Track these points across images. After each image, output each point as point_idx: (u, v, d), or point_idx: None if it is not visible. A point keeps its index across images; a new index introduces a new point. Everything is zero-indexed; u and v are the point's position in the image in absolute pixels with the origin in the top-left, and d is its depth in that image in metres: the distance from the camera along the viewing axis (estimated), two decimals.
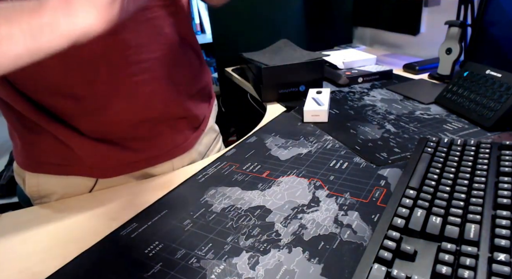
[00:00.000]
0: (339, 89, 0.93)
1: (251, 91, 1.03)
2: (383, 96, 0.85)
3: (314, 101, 0.77)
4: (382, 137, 0.65)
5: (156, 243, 0.44)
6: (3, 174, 1.60)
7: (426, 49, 1.14)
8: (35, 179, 0.57)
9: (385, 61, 1.16)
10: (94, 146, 0.55)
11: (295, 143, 0.66)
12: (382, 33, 1.32)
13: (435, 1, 1.08)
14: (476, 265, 0.32)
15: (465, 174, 0.46)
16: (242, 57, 1.05)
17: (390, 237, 0.37)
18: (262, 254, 0.41)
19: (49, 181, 0.57)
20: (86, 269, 0.41)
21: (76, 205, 0.54)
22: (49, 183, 0.58)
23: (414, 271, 0.34)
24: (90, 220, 0.50)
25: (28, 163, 0.57)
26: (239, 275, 0.38)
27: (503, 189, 0.41)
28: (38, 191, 0.58)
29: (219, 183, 0.56)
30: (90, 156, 0.56)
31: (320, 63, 0.87)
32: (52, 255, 0.44)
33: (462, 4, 0.88)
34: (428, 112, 0.74)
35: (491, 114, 0.64)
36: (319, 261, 0.39)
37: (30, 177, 0.58)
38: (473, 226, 0.36)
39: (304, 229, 0.44)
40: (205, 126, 0.71)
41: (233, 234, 0.44)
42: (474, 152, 0.50)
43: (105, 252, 0.44)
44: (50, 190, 0.58)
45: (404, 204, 0.41)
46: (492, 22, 0.79)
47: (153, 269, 0.40)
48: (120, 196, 0.56)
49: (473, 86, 0.71)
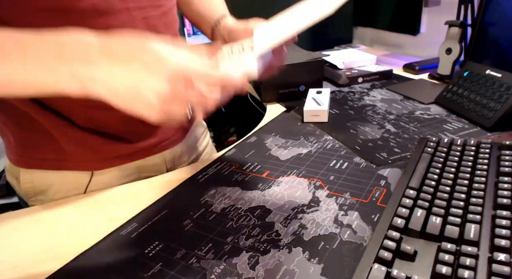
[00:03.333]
0: (339, 89, 0.92)
1: (251, 91, 1.03)
2: (383, 96, 0.85)
3: (314, 101, 0.77)
4: (382, 137, 0.65)
5: (156, 243, 0.44)
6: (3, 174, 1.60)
7: (426, 49, 1.14)
8: (29, 175, 0.57)
9: (385, 61, 1.16)
10: (88, 138, 0.55)
11: (295, 143, 0.66)
12: (382, 33, 1.32)
13: (435, 1, 1.08)
14: (476, 265, 0.32)
15: (465, 174, 0.46)
16: None
17: (390, 237, 0.37)
18: (262, 254, 0.41)
19: (44, 176, 0.57)
20: (86, 269, 0.41)
21: (76, 205, 0.54)
22: (43, 178, 0.57)
23: (414, 271, 0.34)
24: (90, 220, 0.50)
25: (22, 160, 0.57)
26: (239, 275, 0.38)
27: (503, 189, 0.41)
28: (33, 188, 0.58)
29: (219, 183, 0.56)
30: (83, 148, 0.56)
31: (320, 63, 0.87)
32: (52, 255, 0.44)
33: (462, 4, 0.88)
34: (428, 112, 0.74)
35: (491, 114, 0.64)
36: (319, 261, 0.39)
37: (24, 173, 0.57)
38: (473, 226, 0.36)
39: (304, 229, 0.44)
40: (193, 120, 0.72)
41: (233, 234, 0.44)
42: (474, 152, 0.50)
43: (105, 252, 0.44)
44: (45, 185, 0.58)
45: (404, 204, 0.41)
46: (492, 22, 0.79)
47: (153, 269, 0.40)
48: (120, 196, 0.56)
49: (473, 86, 0.71)
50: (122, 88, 0.34)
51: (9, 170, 0.61)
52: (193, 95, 0.37)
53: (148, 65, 0.34)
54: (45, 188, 0.58)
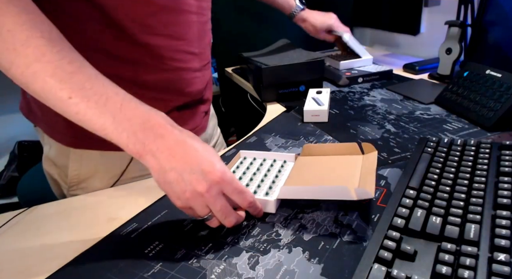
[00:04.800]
0: (339, 89, 0.93)
1: (251, 91, 1.03)
2: (383, 96, 0.85)
3: (314, 101, 0.77)
4: (382, 137, 0.65)
5: (156, 243, 0.44)
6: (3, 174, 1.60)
7: (426, 49, 1.14)
8: (78, 160, 0.59)
9: (385, 61, 1.16)
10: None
11: (295, 143, 0.66)
12: (382, 33, 1.32)
13: (435, 1, 1.08)
14: (476, 265, 0.32)
15: (465, 174, 0.46)
16: (242, 57, 1.05)
17: (390, 237, 0.37)
18: (262, 254, 0.41)
19: (93, 158, 0.59)
20: (86, 269, 0.41)
21: (76, 205, 0.54)
22: (92, 161, 0.59)
23: (414, 271, 0.34)
24: (90, 220, 0.50)
25: (73, 140, 0.58)
26: (239, 275, 0.38)
27: (503, 189, 0.41)
28: (78, 175, 0.60)
29: None
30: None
31: (320, 63, 0.87)
32: (52, 255, 0.44)
33: (462, 4, 0.88)
34: (428, 112, 0.74)
35: (491, 114, 0.64)
36: (319, 261, 0.39)
37: (74, 158, 0.59)
38: (473, 226, 0.36)
39: (304, 229, 0.44)
40: (210, 110, 0.77)
41: (233, 234, 0.44)
42: (474, 152, 0.50)
43: (105, 252, 0.44)
44: (91, 171, 0.60)
45: (404, 204, 0.41)
46: (492, 22, 0.79)
47: (153, 269, 0.40)
48: (120, 196, 0.56)
49: (473, 86, 0.71)
50: (169, 171, 0.39)
51: (53, 160, 0.62)
52: (220, 205, 0.41)
53: (202, 168, 0.39)
54: (90, 175, 0.60)
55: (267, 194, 0.48)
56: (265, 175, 0.53)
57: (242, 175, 0.54)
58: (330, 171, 0.51)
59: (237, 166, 0.57)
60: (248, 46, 1.10)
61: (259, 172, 0.54)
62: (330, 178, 0.49)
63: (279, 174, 0.53)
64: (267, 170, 0.54)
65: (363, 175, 0.47)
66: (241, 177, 0.53)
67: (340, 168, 0.51)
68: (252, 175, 0.53)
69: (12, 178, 1.56)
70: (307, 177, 0.50)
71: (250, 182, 0.52)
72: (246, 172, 0.54)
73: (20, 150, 1.61)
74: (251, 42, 1.17)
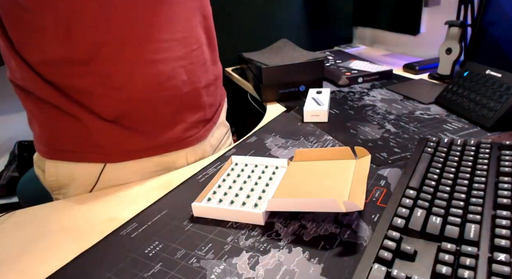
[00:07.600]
0: (339, 89, 0.93)
1: (251, 91, 1.03)
2: (383, 96, 0.85)
3: (314, 101, 0.77)
4: (382, 137, 0.65)
5: (156, 243, 0.44)
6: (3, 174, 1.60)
7: (426, 49, 1.14)
8: (54, 168, 0.59)
9: (385, 61, 1.16)
10: (109, 128, 0.57)
11: (295, 143, 0.66)
12: (382, 33, 1.32)
13: (435, 1, 1.08)
14: (476, 265, 0.32)
15: (465, 174, 0.46)
16: (242, 57, 1.05)
17: (390, 237, 0.37)
18: (262, 254, 0.41)
19: (68, 169, 0.59)
20: (86, 269, 0.41)
21: (76, 205, 0.54)
22: (67, 171, 0.59)
23: (414, 271, 0.34)
24: (90, 220, 0.50)
25: (47, 151, 0.59)
26: (239, 275, 0.38)
27: (503, 189, 0.41)
28: (57, 181, 0.60)
29: None
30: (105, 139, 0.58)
31: (320, 63, 0.87)
32: (52, 255, 0.44)
33: (462, 4, 0.88)
34: (428, 112, 0.74)
35: (491, 114, 0.64)
36: (319, 261, 0.39)
37: (50, 166, 0.59)
38: (473, 226, 0.36)
39: (304, 229, 0.44)
40: (217, 119, 0.73)
41: (233, 234, 0.44)
42: (474, 152, 0.50)
43: (105, 252, 0.44)
44: (68, 179, 0.59)
45: (404, 204, 0.41)
46: (492, 22, 0.79)
47: (153, 269, 0.40)
48: (120, 196, 0.56)
49: (473, 86, 0.71)
50: None
51: (37, 163, 0.63)
52: None
53: None
54: (68, 182, 0.60)
55: (256, 206, 0.48)
56: (255, 184, 0.53)
57: (232, 184, 0.53)
58: (321, 179, 0.50)
59: (227, 174, 0.56)
60: (248, 46, 1.10)
61: (249, 180, 0.54)
62: (320, 188, 0.48)
63: (270, 182, 0.53)
64: (257, 178, 0.54)
65: (354, 183, 0.47)
66: (231, 186, 0.52)
67: (331, 175, 0.50)
68: (242, 184, 0.53)
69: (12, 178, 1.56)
70: (297, 187, 0.49)
71: (239, 192, 0.51)
72: (236, 181, 0.54)
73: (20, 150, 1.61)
74: (251, 42, 1.16)
